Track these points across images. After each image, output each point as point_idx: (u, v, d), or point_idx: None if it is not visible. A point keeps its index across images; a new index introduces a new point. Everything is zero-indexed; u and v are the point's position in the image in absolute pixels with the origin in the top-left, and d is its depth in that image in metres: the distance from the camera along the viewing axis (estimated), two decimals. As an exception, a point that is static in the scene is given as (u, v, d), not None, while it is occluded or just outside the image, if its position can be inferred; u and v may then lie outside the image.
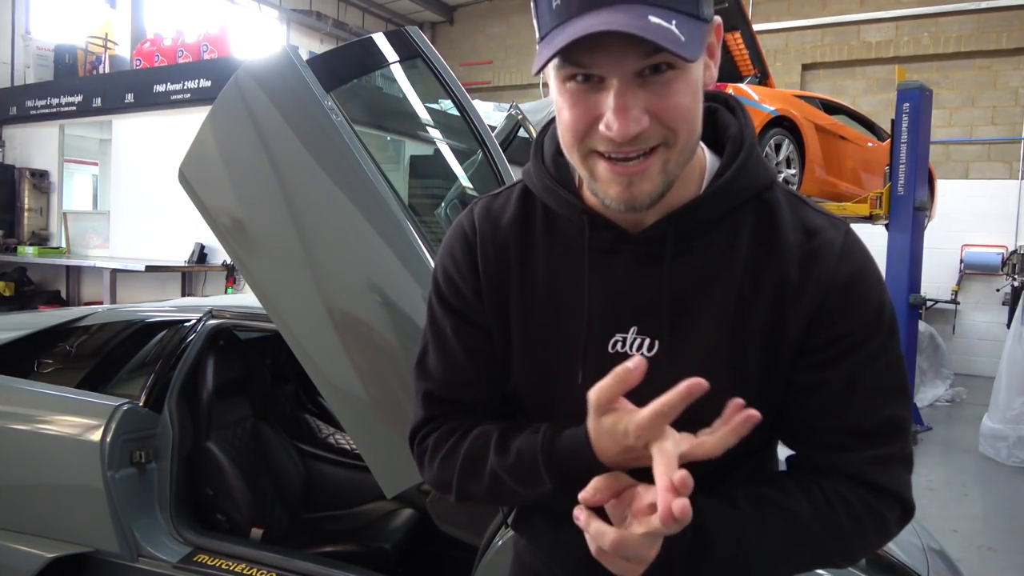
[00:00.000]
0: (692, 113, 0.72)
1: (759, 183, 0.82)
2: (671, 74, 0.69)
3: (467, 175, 2.20)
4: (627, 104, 0.68)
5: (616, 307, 0.83)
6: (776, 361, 0.81)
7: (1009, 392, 5.31)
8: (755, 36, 5.42)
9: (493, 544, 1.79)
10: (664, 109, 0.70)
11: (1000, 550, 3.84)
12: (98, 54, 8.09)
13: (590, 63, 0.69)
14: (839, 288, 0.78)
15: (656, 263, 0.80)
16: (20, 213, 7.85)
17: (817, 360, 0.80)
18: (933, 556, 2.00)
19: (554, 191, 0.85)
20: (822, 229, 0.81)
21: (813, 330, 0.79)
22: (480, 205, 0.93)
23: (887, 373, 0.81)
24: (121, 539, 2.18)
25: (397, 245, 1.67)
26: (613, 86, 0.69)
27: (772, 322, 0.80)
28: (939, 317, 9.13)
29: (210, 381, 2.46)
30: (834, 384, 0.80)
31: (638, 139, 0.70)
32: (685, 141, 0.73)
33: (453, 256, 0.91)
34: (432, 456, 0.90)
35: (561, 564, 0.94)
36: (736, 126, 0.84)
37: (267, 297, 1.81)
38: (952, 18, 9.15)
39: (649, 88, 0.69)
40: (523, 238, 0.88)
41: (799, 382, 0.81)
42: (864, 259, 0.81)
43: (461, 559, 2.24)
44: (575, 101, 0.71)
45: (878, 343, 0.80)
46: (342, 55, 1.89)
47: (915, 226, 5.74)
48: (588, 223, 0.82)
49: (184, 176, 1.82)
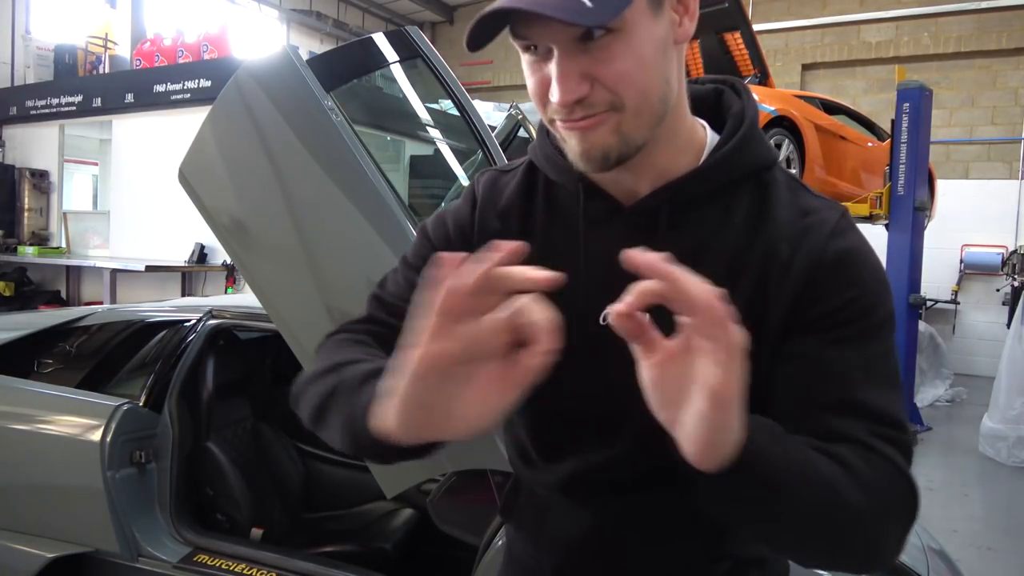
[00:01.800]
0: (638, 76, 0.71)
1: (758, 161, 0.81)
2: (608, 38, 0.68)
3: (467, 175, 2.20)
4: (566, 71, 0.69)
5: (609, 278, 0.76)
6: (759, 336, 0.73)
7: (1009, 392, 5.31)
8: (755, 36, 5.42)
9: (493, 544, 1.79)
10: (605, 75, 0.70)
11: (1000, 550, 3.84)
12: (98, 54, 8.10)
13: (528, 34, 0.70)
14: (829, 264, 0.75)
15: (649, 234, 0.79)
16: (20, 213, 7.85)
17: (803, 339, 0.75)
18: (933, 556, 2.00)
19: (553, 159, 0.85)
20: (817, 209, 0.79)
21: (802, 306, 0.75)
22: (488, 175, 0.94)
23: (877, 361, 0.75)
24: (121, 539, 2.18)
25: (397, 245, 1.67)
26: (553, 55, 0.70)
27: (755, 295, 0.76)
28: (939, 317, 9.13)
29: (210, 381, 2.46)
30: (826, 362, 0.74)
31: (582, 105, 0.71)
32: (636, 104, 0.71)
33: (452, 211, 0.92)
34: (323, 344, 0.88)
35: (547, 552, 0.91)
36: (739, 105, 0.83)
37: (267, 297, 1.81)
38: (952, 18, 9.15)
39: (590, 53, 0.69)
40: (524, 208, 0.88)
41: (788, 358, 0.75)
42: (858, 240, 0.78)
43: (461, 559, 2.24)
44: (532, 71, 0.74)
45: (869, 327, 0.75)
46: (342, 55, 1.89)
47: (915, 226, 5.74)
48: (583, 191, 0.83)
49: (184, 176, 1.82)
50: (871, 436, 0.71)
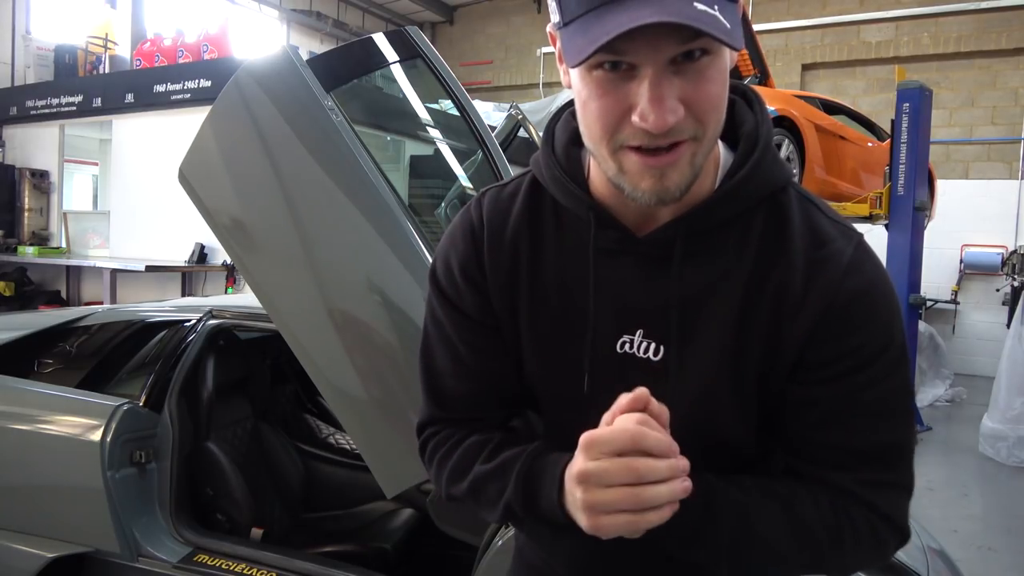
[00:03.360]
0: (722, 102, 0.69)
1: (773, 184, 0.78)
2: (705, 60, 0.65)
3: (467, 175, 2.20)
4: (663, 93, 0.64)
5: (623, 308, 0.80)
6: (773, 371, 0.78)
7: (1009, 392, 5.31)
8: (755, 36, 5.42)
9: (493, 544, 1.79)
10: (697, 98, 0.66)
11: (1000, 550, 3.84)
12: (98, 54, 8.09)
13: (625, 50, 0.63)
14: (843, 304, 0.74)
15: (663, 266, 0.78)
16: (20, 213, 7.85)
17: (819, 376, 0.76)
18: (933, 556, 2.00)
19: (563, 183, 0.81)
20: (832, 239, 0.77)
21: (815, 345, 0.76)
22: (488, 196, 0.89)
23: (891, 398, 0.77)
24: (121, 539, 2.18)
25: (397, 245, 1.67)
26: (647, 75, 0.64)
27: (770, 331, 0.77)
28: (939, 317, 9.13)
29: (210, 381, 2.46)
30: (834, 402, 0.76)
31: (671, 131, 0.66)
32: (713, 132, 0.70)
33: (457, 250, 0.88)
34: (431, 456, 0.91)
35: (560, 560, 0.93)
36: (752, 122, 0.79)
37: (267, 297, 1.81)
38: (952, 18, 9.14)
39: (683, 75, 0.65)
40: (533, 233, 0.85)
41: (799, 395, 0.78)
42: (875, 274, 0.77)
43: (461, 559, 2.24)
44: (604, 91, 0.67)
45: (883, 366, 0.76)
46: (342, 55, 1.89)
47: (915, 226, 5.74)
48: (595, 220, 0.79)
49: (184, 176, 1.81)
50: (862, 487, 0.77)
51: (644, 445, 0.64)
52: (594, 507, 0.67)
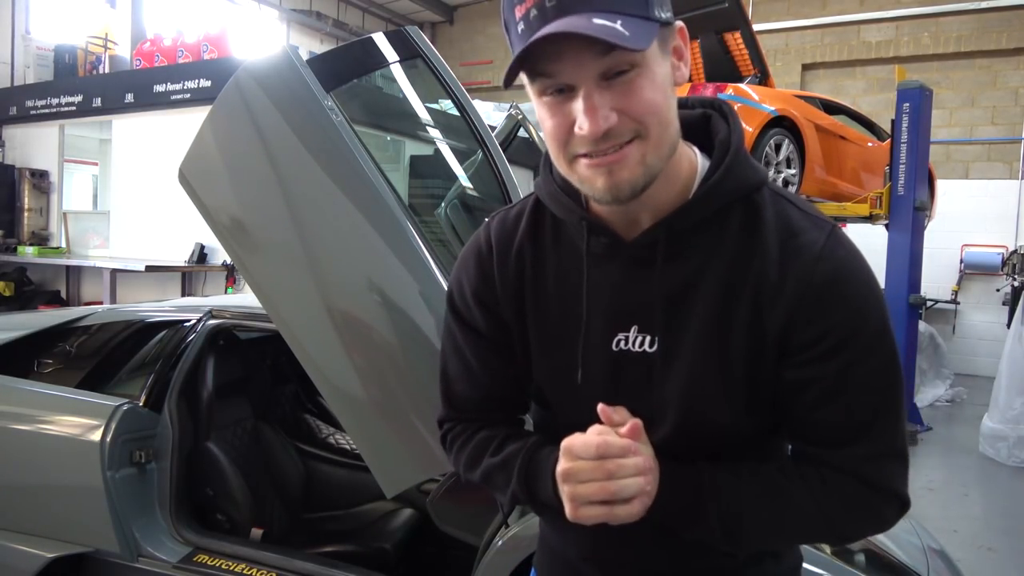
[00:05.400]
0: (660, 107, 0.77)
1: (747, 185, 0.86)
2: (633, 72, 0.75)
3: (467, 175, 2.20)
4: (595, 104, 0.74)
5: (617, 308, 0.89)
6: (759, 358, 0.85)
7: (1009, 392, 5.31)
8: (755, 36, 5.41)
9: (493, 544, 1.79)
10: (630, 105, 0.75)
11: (1000, 550, 3.84)
12: (98, 54, 8.09)
13: (554, 71, 0.75)
14: (817, 288, 0.81)
15: (649, 266, 0.86)
16: (20, 213, 7.85)
17: (804, 359, 0.83)
18: (933, 556, 2.01)
19: (558, 198, 0.90)
20: (803, 230, 0.84)
21: (795, 329, 0.82)
22: (497, 219, 1.00)
23: (878, 372, 0.83)
24: (121, 539, 2.18)
25: (397, 245, 1.67)
26: (581, 91, 0.75)
27: (752, 318, 0.84)
28: (939, 317, 9.13)
29: (210, 381, 2.46)
30: (822, 382, 0.83)
31: (610, 135, 0.75)
32: (658, 133, 0.78)
33: (468, 274, 0.98)
34: (450, 447, 1.04)
35: (575, 545, 1.01)
36: (725, 131, 0.88)
37: (267, 297, 1.81)
38: (952, 18, 9.15)
39: (614, 89, 0.75)
40: (535, 246, 0.95)
41: (788, 379, 0.85)
42: (848, 258, 0.83)
43: (461, 559, 2.24)
44: (552, 112, 0.78)
45: (865, 342, 0.82)
46: (342, 55, 1.89)
47: (915, 226, 5.73)
48: (587, 228, 0.88)
49: (184, 176, 1.81)
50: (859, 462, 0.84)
51: (607, 451, 0.77)
52: (574, 499, 0.79)
